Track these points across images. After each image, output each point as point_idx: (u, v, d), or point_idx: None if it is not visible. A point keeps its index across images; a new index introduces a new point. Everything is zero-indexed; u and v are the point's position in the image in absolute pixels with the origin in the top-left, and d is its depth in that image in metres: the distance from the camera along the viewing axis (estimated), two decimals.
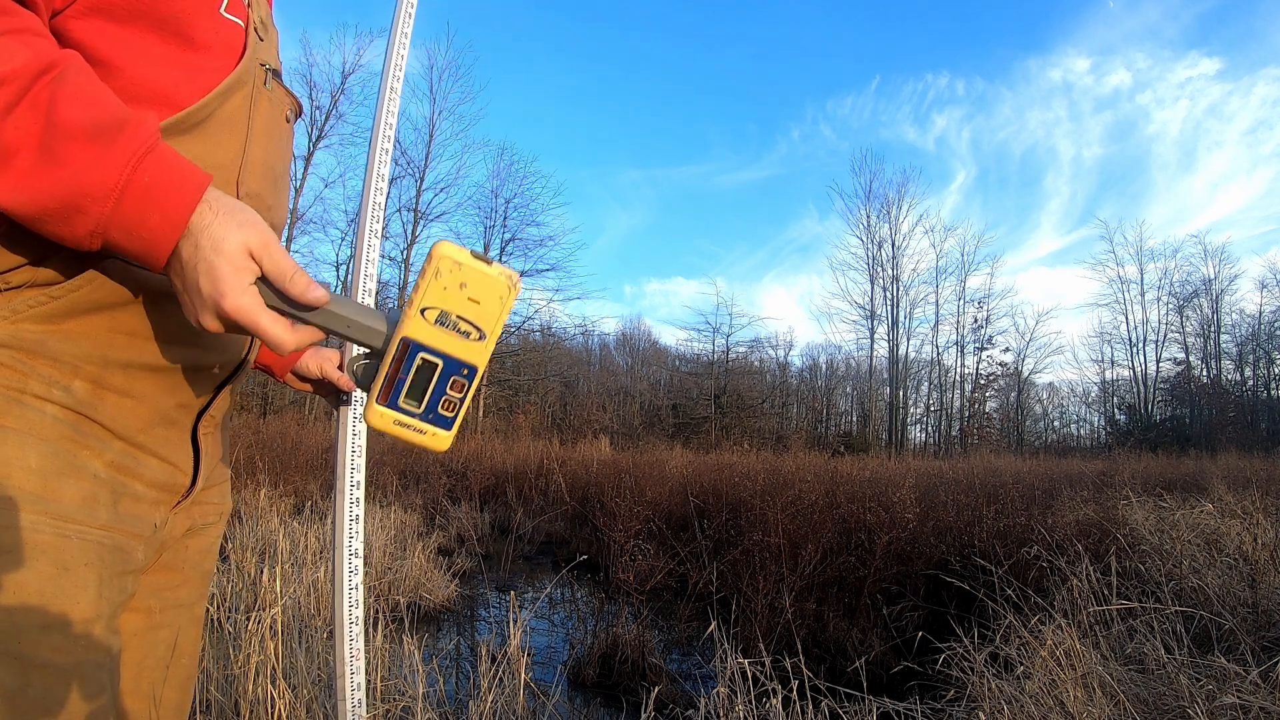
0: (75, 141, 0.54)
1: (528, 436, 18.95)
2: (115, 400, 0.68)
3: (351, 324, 0.65)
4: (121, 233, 0.56)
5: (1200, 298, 30.57)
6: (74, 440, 0.64)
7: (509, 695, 2.16)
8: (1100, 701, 2.07)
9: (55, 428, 0.63)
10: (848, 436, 29.42)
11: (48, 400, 0.63)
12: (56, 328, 0.64)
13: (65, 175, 0.53)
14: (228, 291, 0.58)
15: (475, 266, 0.62)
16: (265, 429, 10.57)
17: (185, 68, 0.71)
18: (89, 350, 0.65)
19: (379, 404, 0.65)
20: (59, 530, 0.61)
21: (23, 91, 0.53)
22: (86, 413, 0.66)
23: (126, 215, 0.56)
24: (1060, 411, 36.28)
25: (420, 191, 23.12)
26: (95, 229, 0.56)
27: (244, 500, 5.75)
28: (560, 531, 7.67)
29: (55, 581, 0.61)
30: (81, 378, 0.65)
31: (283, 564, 3.60)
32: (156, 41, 0.69)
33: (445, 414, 0.67)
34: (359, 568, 0.94)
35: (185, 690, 0.87)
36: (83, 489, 0.64)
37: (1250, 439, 21.80)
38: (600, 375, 37.65)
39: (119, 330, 0.67)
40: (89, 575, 0.63)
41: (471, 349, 0.64)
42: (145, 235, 0.57)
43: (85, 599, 0.63)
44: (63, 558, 0.61)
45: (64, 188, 0.54)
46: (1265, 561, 3.28)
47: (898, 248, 30.63)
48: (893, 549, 4.40)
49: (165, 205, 0.57)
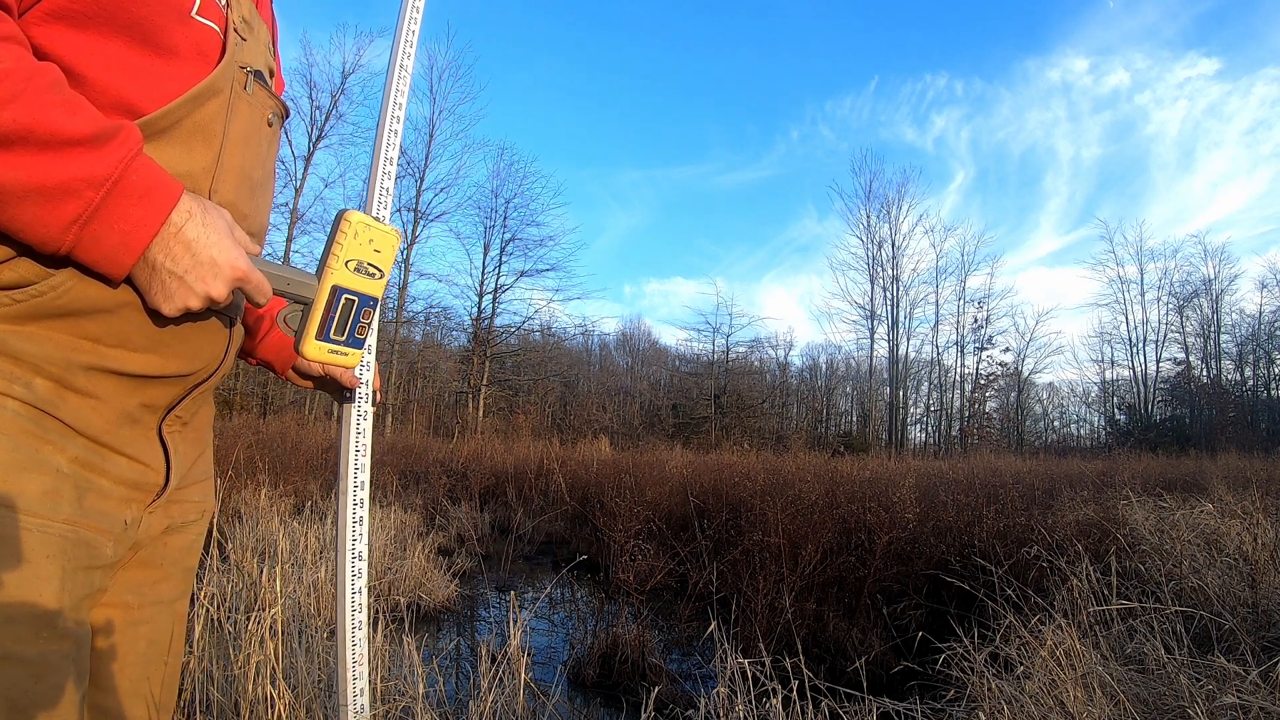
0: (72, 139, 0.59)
1: (528, 436, 18.96)
2: (78, 400, 0.68)
3: (291, 281, 0.79)
4: (103, 225, 0.61)
5: (1200, 298, 30.59)
6: (35, 435, 0.64)
7: (509, 695, 2.16)
8: (1100, 701, 2.07)
9: (15, 422, 0.63)
10: (848, 436, 29.41)
11: (8, 395, 0.63)
12: (18, 328, 0.64)
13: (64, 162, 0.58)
14: (237, 257, 0.70)
15: (377, 226, 0.83)
16: (265, 429, 10.56)
17: (152, 75, 0.71)
18: (50, 352, 0.66)
19: (316, 339, 0.82)
20: (20, 523, 0.62)
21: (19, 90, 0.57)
22: (48, 410, 0.66)
23: (113, 207, 0.61)
24: (1060, 411, 36.33)
25: (420, 191, 23.11)
26: (80, 215, 0.59)
27: (244, 500, 5.75)
28: (560, 531, 7.66)
29: (18, 574, 0.61)
30: (43, 376, 0.66)
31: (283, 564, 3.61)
32: (121, 48, 0.69)
33: (359, 337, 0.86)
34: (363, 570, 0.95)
35: (170, 687, 0.87)
36: (44, 483, 0.64)
37: (1250, 439, 21.78)
38: (600, 375, 37.66)
39: (82, 336, 0.68)
40: (51, 568, 0.64)
41: (376, 285, 0.85)
42: (126, 228, 0.62)
43: (48, 591, 0.64)
44: (24, 550, 0.62)
45: (62, 173, 0.58)
46: (1265, 561, 3.28)
47: (898, 248, 30.65)
48: (893, 549, 4.40)
49: (146, 203, 0.63)
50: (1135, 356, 31.11)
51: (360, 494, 0.94)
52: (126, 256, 0.63)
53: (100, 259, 0.62)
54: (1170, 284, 30.72)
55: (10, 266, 0.63)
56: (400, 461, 10.11)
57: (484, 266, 25.34)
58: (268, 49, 0.89)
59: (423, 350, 27.75)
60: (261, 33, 0.86)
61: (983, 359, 30.63)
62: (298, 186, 20.22)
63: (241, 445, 7.75)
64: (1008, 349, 30.93)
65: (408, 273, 23.00)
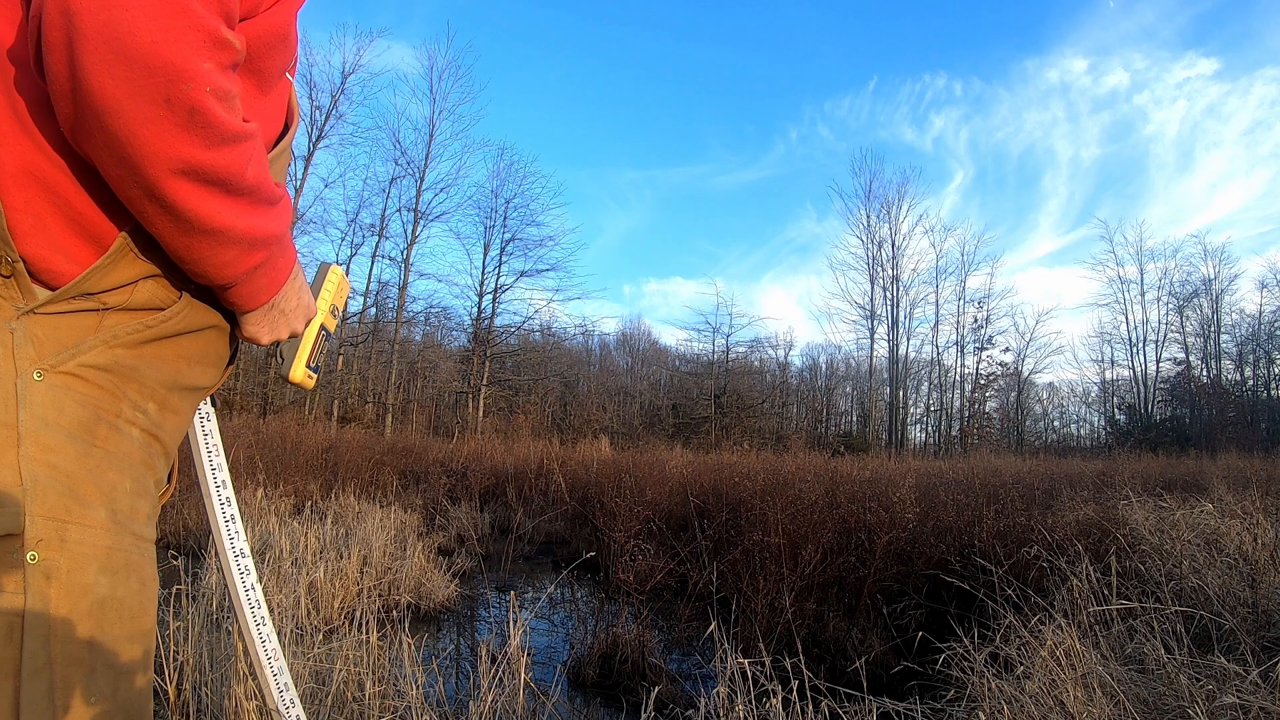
0: (273, 199, 0.69)
1: (528, 436, 18.95)
2: (172, 419, 0.74)
3: None
4: (266, 272, 0.72)
5: (1200, 298, 30.59)
6: (146, 462, 0.70)
7: (509, 695, 2.16)
8: (1100, 701, 2.07)
9: (138, 451, 0.69)
10: (848, 436, 29.42)
11: (134, 425, 0.68)
12: (145, 353, 0.69)
13: (266, 218, 0.68)
14: (311, 303, 0.87)
15: (344, 277, 1.02)
16: (265, 429, 10.56)
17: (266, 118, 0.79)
18: (164, 374, 0.71)
19: (306, 367, 0.95)
20: (142, 550, 0.68)
21: (254, 147, 0.65)
22: (155, 432, 0.71)
23: (277, 258, 0.73)
24: (1060, 411, 36.32)
25: (420, 191, 23.13)
26: (260, 263, 0.70)
27: (244, 500, 5.75)
28: (560, 531, 7.66)
29: (139, 596, 0.67)
30: (155, 400, 0.71)
31: (282, 564, 3.60)
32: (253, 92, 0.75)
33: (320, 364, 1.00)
34: (249, 567, 1.07)
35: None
36: (148, 508, 0.71)
37: (1250, 439, 21.78)
38: (600, 375, 37.65)
39: (183, 356, 0.73)
40: (156, 585, 0.72)
41: (334, 322, 1.00)
42: (274, 276, 0.74)
43: (155, 606, 0.71)
44: (144, 573, 0.68)
45: (266, 229, 0.68)
46: (1265, 561, 3.27)
47: (898, 248, 30.65)
48: (893, 549, 4.39)
49: (288, 256, 0.77)
50: (1135, 356, 31.14)
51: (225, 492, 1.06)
52: (265, 296, 0.75)
53: (245, 297, 0.72)
54: (1170, 284, 30.76)
55: (145, 286, 0.67)
56: (400, 461, 10.11)
57: (484, 266, 25.39)
58: None
59: (423, 350, 27.77)
60: None
61: (983, 359, 30.66)
62: (298, 187, 20.22)
63: (241, 445, 7.75)
64: (1008, 349, 30.97)
65: (408, 273, 23.02)
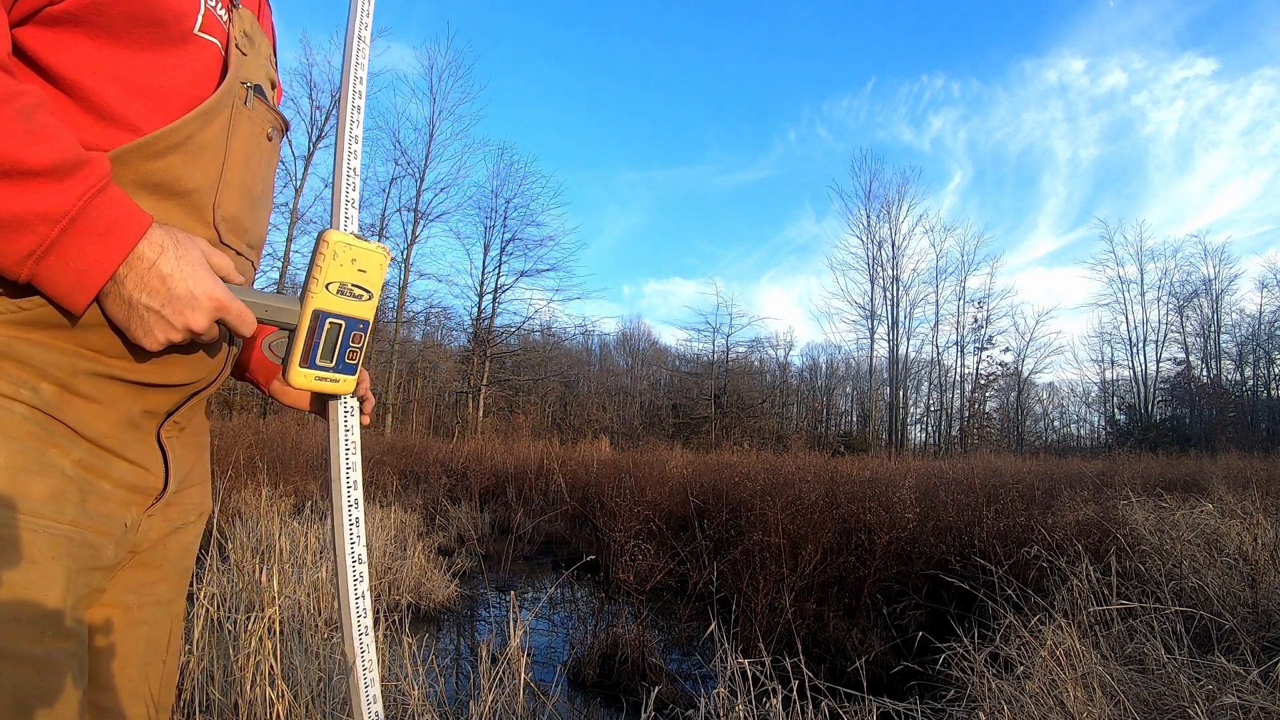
0: (31, 171, 0.57)
1: (528, 436, 18.96)
2: (82, 404, 0.69)
3: (269, 309, 0.76)
4: (58, 260, 0.60)
5: (1200, 298, 30.59)
6: (41, 438, 0.65)
7: (509, 695, 2.16)
8: (1100, 701, 2.07)
9: (23, 425, 0.64)
10: (848, 436, 29.41)
11: (14, 399, 0.64)
12: (25, 335, 0.65)
13: (21, 194, 0.57)
14: (214, 288, 0.68)
15: (360, 245, 0.79)
16: (265, 429, 10.55)
17: (154, 91, 0.71)
18: (56, 359, 0.67)
19: (301, 366, 0.79)
20: (27, 525, 0.63)
21: None
22: (54, 413, 0.67)
23: (69, 243, 0.60)
24: (1060, 411, 36.33)
25: (420, 191, 23.10)
26: (35, 249, 0.59)
27: (244, 500, 5.74)
28: (560, 531, 7.66)
29: (25, 574, 0.63)
30: (49, 381, 0.66)
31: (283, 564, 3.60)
32: (123, 61, 0.69)
33: (350, 363, 0.82)
34: (364, 574, 0.91)
35: (169, 686, 0.88)
36: (50, 485, 0.65)
37: (1250, 439, 21.78)
38: (600, 375, 37.66)
39: (86, 346, 0.68)
40: (56, 568, 0.65)
41: (364, 308, 0.80)
42: (82, 265, 0.61)
43: (54, 591, 0.65)
44: (31, 551, 0.63)
45: (18, 205, 0.57)
46: (1265, 561, 3.28)
47: (897, 248, 30.64)
48: (893, 549, 4.39)
49: (107, 240, 0.62)
50: (1135, 356, 31.15)
51: (354, 494, 0.90)
52: (81, 294, 0.62)
53: (58, 294, 0.61)
54: (1170, 284, 30.77)
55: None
56: (400, 461, 10.10)
57: (484, 266, 25.38)
58: (268, 61, 0.89)
59: (423, 350, 27.74)
60: (263, 45, 0.86)
61: (983, 359, 30.66)
62: (298, 187, 20.20)
63: (241, 445, 7.75)
64: (1008, 349, 30.98)
65: (408, 273, 23.00)
